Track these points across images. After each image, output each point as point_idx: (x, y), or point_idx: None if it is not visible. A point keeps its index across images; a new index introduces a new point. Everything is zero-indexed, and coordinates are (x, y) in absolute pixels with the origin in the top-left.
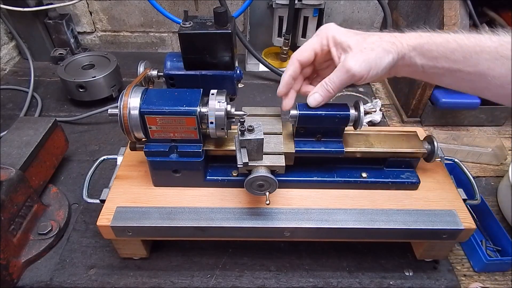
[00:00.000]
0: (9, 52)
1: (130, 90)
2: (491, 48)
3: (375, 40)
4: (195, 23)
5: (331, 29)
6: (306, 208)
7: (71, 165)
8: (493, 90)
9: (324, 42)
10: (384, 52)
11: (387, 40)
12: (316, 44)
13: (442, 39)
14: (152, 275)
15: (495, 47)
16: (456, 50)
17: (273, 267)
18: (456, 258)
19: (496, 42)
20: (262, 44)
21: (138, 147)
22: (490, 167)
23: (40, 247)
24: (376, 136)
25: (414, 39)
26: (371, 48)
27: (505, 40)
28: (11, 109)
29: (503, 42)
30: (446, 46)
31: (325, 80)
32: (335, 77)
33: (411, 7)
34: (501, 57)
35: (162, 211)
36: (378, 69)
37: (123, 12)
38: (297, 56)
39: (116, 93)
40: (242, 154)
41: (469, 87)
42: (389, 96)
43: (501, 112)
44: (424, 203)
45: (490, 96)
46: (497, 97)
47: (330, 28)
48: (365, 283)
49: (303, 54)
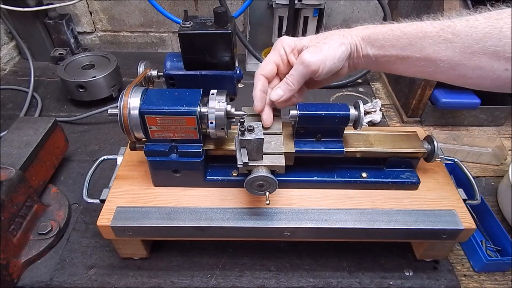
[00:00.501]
0: (9, 52)
1: (130, 90)
2: (433, 33)
3: (327, 35)
4: (195, 23)
5: (285, 40)
6: (306, 208)
7: (71, 165)
8: (445, 72)
9: (281, 52)
10: (336, 43)
11: (337, 33)
12: (275, 56)
13: (387, 29)
14: (152, 275)
15: (437, 31)
16: (400, 37)
17: (273, 267)
18: (456, 258)
19: (437, 27)
20: (262, 44)
21: (138, 147)
22: (490, 167)
23: (40, 247)
24: (376, 136)
25: (361, 31)
26: (323, 42)
27: (446, 24)
28: (11, 109)
29: (444, 26)
30: (391, 34)
31: (286, 76)
32: (294, 71)
33: (411, 7)
34: (444, 40)
35: (162, 211)
36: (334, 59)
37: (123, 12)
38: (260, 72)
39: (116, 93)
40: (242, 154)
41: (422, 71)
42: (389, 96)
43: (501, 112)
44: (424, 203)
45: (444, 78)
46: (452, 79)
47: (285, 39)
48: (365, 283)
49: (265, 68)
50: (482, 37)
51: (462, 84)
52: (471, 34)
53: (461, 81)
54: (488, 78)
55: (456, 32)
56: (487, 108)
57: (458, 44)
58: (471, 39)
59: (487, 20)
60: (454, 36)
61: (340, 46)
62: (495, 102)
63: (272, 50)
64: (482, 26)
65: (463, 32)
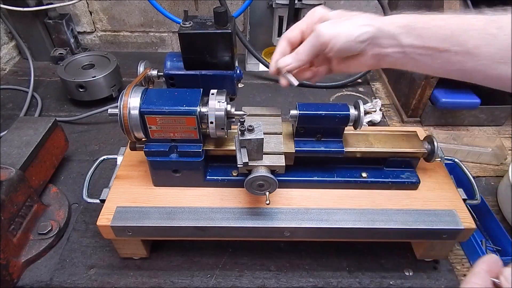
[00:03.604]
0: (9, 52)
1: (130, 90)
2: (478, 26)
3: (356, 14)
4: (195, 23)
5: (317, 10)
6: (306, 208)
7: (71, 165)
8: (483, 71)
9: (309, 21)
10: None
11: (367, 15)
12: (303, 24)
13: (428, 18)
14: (152, 275)
15: (482, 25)
16: (442, 27)
17: (273, 267)
18: (456, 258)
19: (482, 21)
20: (262, 44)
21: (138, 147)
22: (490, 167)
23: (40, 247)
24: (376, 136)
25: (399, 18)
26: (346, 18)
27: (492, 19)
28: (11, 109)
29: (489, 21)
30: (433, 24)
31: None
32: (306, 41)
33: (411, 7)
34: (489, 35)
35: (162, 211)
36: (350, 36)
37: (123, 12)
38: (284, 35)
39: (116, 93)
40: (242, 154)
41: (458, 69)
42: (389, 96)
43: (501, 112)
44: (424, 203)
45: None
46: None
47: (317, 10)
48: (365, 283)
49: (289, 33)
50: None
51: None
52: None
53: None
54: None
55: (502, 27)
56: (487, 108)
57: (504, 41)
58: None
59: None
60: (500, 31)
61: (363, 26)
62: (495, 102)
63: (304, 18)
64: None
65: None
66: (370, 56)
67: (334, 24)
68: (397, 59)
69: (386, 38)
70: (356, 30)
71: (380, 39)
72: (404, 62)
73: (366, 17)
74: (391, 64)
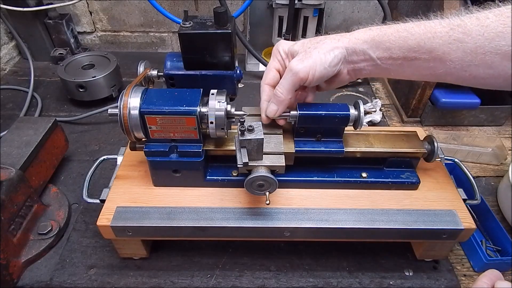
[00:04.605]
0: (9, 52)
1: (130, 90)
2: (442, 33)
3: (320, 40)
4: (195, 23)
5: (281, 45)
6: (306, 208)
7: (71, 165)
8: (456, 74)
9: (279, 57)
10: (328, 47)
11: (332, 38)
12: (274, 62)
13: (392, 30)
14: (152, 275)
15: (447, 31)
16: (408, 38)
17: (273, 267)
18: (456, 258)
19: (446, 27)
20: (262, 44)
21: (138, 147)
22: (490, 167)
23: (40, 247)
24: (376, 136)
25: (363, 33)
26: (314, 47)
27: (455, 23)
28: (11, 109)
29: (454, 26)
30: (398, 36)
31: (276, 87)
32: (283, 80)
33: (411, 7)
34: (454, 40)
35: (162, 211)
36: (324, 64)
37: (123, 12)
38: (263, 81)
39: (116, 93)
40: (242, 154)
41: (431, 74)
42: (389, 96)
43: (501, 112)
44: (424, 203)
45: (454, 80)
46: (462, 80)
47: (280, 44)
48: (365, 283)
49: (267, 77)
50: (494, 36)
51: (472, 85)
52: (482, 33)
53: (472, 82)
54: (501, 77)
55: (467, 31)
56: (487, 108)
57: (470, 44)
58: (483, 39)
59: (498, 18)
60: (465, 35)
61: (333, 50)
62: (495, 102)
63: (272, 57)
64: (494, 24)
65: (475, 31)
66: (346, 73)
67: (306, 59)
68: (371, 71)
69: (355, 54)
70: (327, 57)
71: (351, 57)
72: (378, 72)
73: (331, 40)
74: (367, 75)
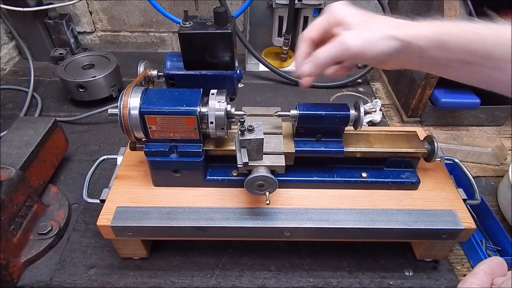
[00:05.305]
0: (9, 52)
1: (130, 90)
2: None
3: (381, 21)
4: (195, 23)
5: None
6: (306, 208)
7: (71, 165)
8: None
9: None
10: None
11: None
12: (324, 23)
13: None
14: (152, 275)
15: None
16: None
17: (273, 267)
18: (456, 258)
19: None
20: (262, 44)
21: (138, 147)
22: (490, 167)
23: (40, 247)
24: (376, 136)
25: (429, 29)
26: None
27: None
28: (11, 109)
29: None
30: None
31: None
32: (331, 47)
33: (411, 7)
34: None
35: (162, 211)
36: (374, 51)
37: (123, 12)
38: (307, 35)
39: (116, 93)
40: (242, 154)
41: (485, 81)
42: (389, 96)
43: (501, 112)
44: (424, 203)
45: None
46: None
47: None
48: (365, 283)
49: (312, 32)
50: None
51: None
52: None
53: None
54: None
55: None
56: (487, 108)
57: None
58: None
59: None
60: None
61: (388, 40)
62: (495, 102)
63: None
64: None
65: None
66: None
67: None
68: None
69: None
70: (382, 45)
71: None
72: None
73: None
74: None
